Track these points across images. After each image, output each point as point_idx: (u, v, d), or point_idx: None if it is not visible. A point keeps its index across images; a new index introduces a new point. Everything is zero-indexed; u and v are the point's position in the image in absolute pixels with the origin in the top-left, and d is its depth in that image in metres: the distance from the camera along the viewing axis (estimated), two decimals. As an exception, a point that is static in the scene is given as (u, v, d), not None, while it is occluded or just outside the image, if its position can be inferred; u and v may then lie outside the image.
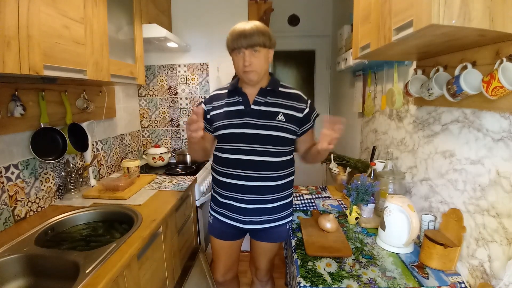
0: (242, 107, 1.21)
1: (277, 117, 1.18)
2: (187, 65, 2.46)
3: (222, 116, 1.22)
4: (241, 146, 1.19)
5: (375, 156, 1.62)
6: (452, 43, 0.90)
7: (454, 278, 0.99)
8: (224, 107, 1.23)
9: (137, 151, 2.43)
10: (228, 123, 1.21)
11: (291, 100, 1.22)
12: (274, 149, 1.20)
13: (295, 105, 1.21)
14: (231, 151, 1.22)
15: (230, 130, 1.20)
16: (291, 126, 1.20)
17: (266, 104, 1.20)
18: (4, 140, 1.19)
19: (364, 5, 1.08)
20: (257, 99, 1.20)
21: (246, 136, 1.18)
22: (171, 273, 1.46)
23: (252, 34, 1.08)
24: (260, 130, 1.18)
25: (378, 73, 1.83)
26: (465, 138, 1.03)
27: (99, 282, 0.85)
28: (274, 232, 1.30)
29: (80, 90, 1.64)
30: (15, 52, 0.86)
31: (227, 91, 1.26)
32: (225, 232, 1.33)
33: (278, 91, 1.23)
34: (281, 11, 3.16)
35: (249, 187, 1.21)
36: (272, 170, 1.21)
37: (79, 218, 1.34)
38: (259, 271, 1.46)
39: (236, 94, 1.23)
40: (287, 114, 1.20)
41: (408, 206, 1.10)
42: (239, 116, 1.20)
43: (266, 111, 1.19)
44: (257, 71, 1.14)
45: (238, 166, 1.21)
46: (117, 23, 1.52)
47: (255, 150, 1.19)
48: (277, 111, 1.19)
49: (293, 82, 3.49)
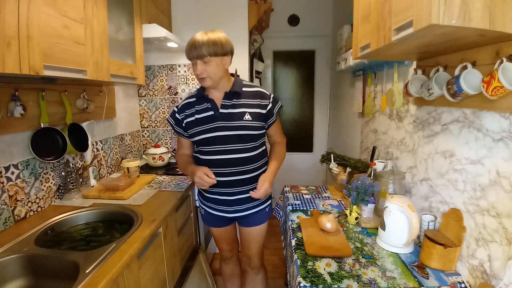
0: (212, 112, 1.31)
1: (244, 117, 1.30)
2: (187, 65, 2.46)
3: (195, 123, 1.33)
4: (217, 147, 1.31)
5: (375, 156, 1.62)
6: (452, 43, 0.90)
7: (454, 278, 0.99)
8: (195, 115, 1.34)
9: (137, 151, 2.43)
10: (201, 129, 1.32)
11: (255, 98, 1.33)
12: (246, 146, 1.32)
13: (259, 103, 1.33)
14: (209, 153, 1.33)
15: (205, 135, 1.31)
16: (258, 123, 1.33)
17: (233, 107, 1.31)
18: (4, 140, 1.19)
19: (364, 5, 1.08)
20: (224, 103, 1.30)
21: (219, 138, 1.30)
22: (171, 273, 1.46)
23: (201, 46, 1.17)
24: (231, 131, 1.29)
25: (378, 73, 1.83)
26: (465, 138, 1.03)
27: (99, 282, 0.85)
28: (257, 216, 1.46)
29: (80, 90, 1.64)
30: (15, 52, 0.86)
31: (195, 99, 1.36)
32: (216, 221, 1.50)
33: (242, 91, 1.32)
34: (281, 11, 3.16)
35: (229, 182, 1.35)
36: (248, 164, 1.35)
37: (79, 218, 1.34)
38: (251, 259, 1.58)
39: (204, 101, 1.33)
40: (253, 112, 1.32)
41: (408, 206, 1.10)
42: (210, 121, 1.30)
43: (233, 113, 1.30)
44: (211, 77, 1.23)
45: (217, 165, 1.33)
46: (117, 23, 1.52)
47: (230, 150, 1.31)
48: (244, 112, 1.31)
49: (293, 82, 3.49)
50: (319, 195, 1.79)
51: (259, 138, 1.38)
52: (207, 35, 1.19)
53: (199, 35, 1.20)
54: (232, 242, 1.63)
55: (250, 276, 1.65)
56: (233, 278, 1.75)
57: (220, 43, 1.20)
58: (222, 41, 1.21)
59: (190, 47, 1.19)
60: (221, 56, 1.22)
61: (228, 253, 1.65)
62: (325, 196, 1.77)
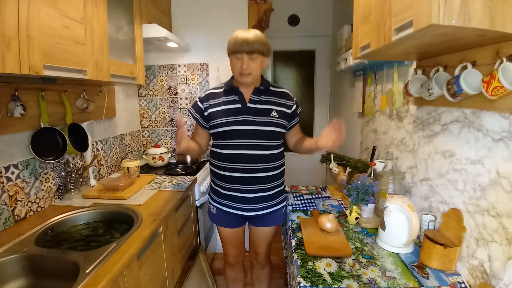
0: (239, 105, 1.32)
1: (271, 114, 1.32)
2: (187, 65, 2.46)
3: (220, 114, 1.32)
4: (239, 142, 1.31)
5: (375, 156, 1.62)
6: (452, 43, 0.90)
7: (454, 278, 0.99)
8: (222, 105, 1.33)
9: (137, 151, 2.43)
10: (227, 120, 1.31)
11: (282, 98, 1.37)
12: (268, 143, 1.33)
13: (285, 103, 1.37)
14: (230, 147, 1.32)
15: (230, 127, 1.30)
16: (283, 121, 1.35)
17: (261, 102, 1.33)
18: (4, 140, 1.19)
19: (364, 5, 1.08)
20: (252, 98, 1.32)
21: (244, 132, 1.30)
22: (171, 273, 1.46)
23: (253, 42, 1.20)
24: (257, 126, 1.30)
25: (378, 73, 1.83)
26: (465, 138, 1.03)
27: (99, 282, 0.85)
28: (273, 217, 1.46)
29: (80, 90, 1.64)
30: (15, 52, 0.86)
31: (223, 90, 1.36)
32: (229, 220, 1.47)
33: (269, 90, 1.37)
34: (281, 11, 3.16)
35: (250, 178, 1.34)
36: (269, 162, 1.35)
37: (79, 218, 1.34)
38: (259, 255, 1.60)
39: (232, 93, 1.34)
40: (279, 110, 1.34)
41: (408, 206, 1.10)
42: (237, 113, 1.31)
43: (261, 109, 1.32)
44: (253, 74, 1.25)
45: (238, 160, 1.32)
46: (117, 23, 1.51)
47: (252, 145, 1.31)
48: (271, 108, 1.33)
49: (293, 82, 3.49)
50: (319, 195, 1.79)
51: (281, 137, 1.39)
52: (256, 33, 1.22)
53: (247, 32, 1.22)
54: (240, 247, 1.61)
55: (256, 269, 1.69)
56: (237, 282, 1.75)
57: (267, 44, 1.25)
58: (268, 44, 1.26)
59: (242, 41, 1.20)
60: (264, 56, 1.26)
61: (234, 258, 1.63)
62: (325, 196, 1.77)
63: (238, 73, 1.26)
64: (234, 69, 1.27)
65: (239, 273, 1.73)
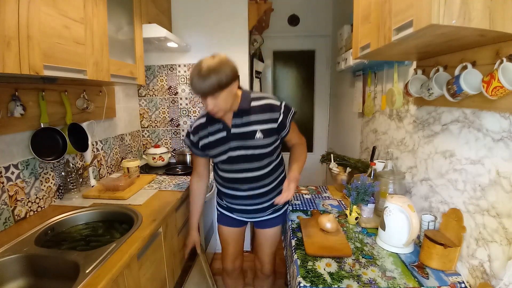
0: (225, 133, 1.28)
1: (256, 136, 1.26)
2: (187, 65, 2.46)
3: (210, 146, 1.32)
4: (234, 166, 1.33)
5: (375, 156, 1.62)
6: (452, 43, 0.90)
7: (454, 278, 0.99)
8: (209, 137, 1.31)
9: (137, 151, 2.43)
10: (216, 151, 1.31)
11: (265, 112, 1.26)
12: (262, 163, 1.33)
13: (270, 117, 1.26)
14: (226, 171, 1.37)
15: (221, 157, 1.32)
16: (270, 139, 1.29)
17: (244, 125, 1.26)
18: (4, 140, 1.19)
19: (364, 5, 1.08)
20: (234, 122, 1.26)
21: (235, 158, 1.30)
22: (171, 273, 1.46)
23: (207, 87, 1.08)
24: (246, 151, 1.28)
25: (378, 73, 1.83)
26: (465, 138, 1.03)
27: (99, 282, 0.85)
28: (276, 218, 1.49)
29: (80, 90, 1.64)
30: (15, 52, 0.86)
31: (205, 120, 1.32)
32: (232, 220, 1.52)
33: (250, 107, 1.25)
34: (281, 11, 3.16)
35: (248, 196, 1.38)
36: (267, 178, 1.36)
37: (79, 218, 1.34)
38: (264, 266, 1.59)
39: (214, 122, 1.29)
40: (264, 129, 1.26)
41: (408, 206, 1.10)
42: (223, 142, 1.29)
43: (245, 132, 1.26)
44: (222, 108, 1.16)
45: (235, 181, 1.37)
46: (117, 23, 1.51)
47: (246, 169, 1.32)
48: (255, 130, 1.26)
49: (293, 82, 3.49)
50: (319, 195, 1.79)
51: (274, 151, 1.35)
52: (209, 72, 1.07)
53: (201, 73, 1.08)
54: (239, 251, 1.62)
55: (260, 278, 1.68)
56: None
57: (224, 76, 1.09)
58: (226, 73, 1.10)
59: (196, 89, 1.10)
60: (227, 86, 1.12)
61: (231, 264, 1.61)
62: (325, 196, 1.77)
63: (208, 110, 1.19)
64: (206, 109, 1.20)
65: (238, 280, 1.72)
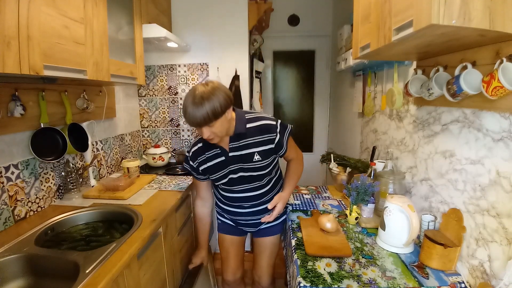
0: (223, 157, 1.29)
1: (253, 159, 1.28)
2: (187, 65, 2.46)
3: (209, 170, 1.34)
4: (234, 188, 1.37)
5: (375, 156, 1.62)
6: (452, 43, 0.90)
7: (454, 278, 0.99)
8: (207, 162, 1.32)
9: (137, 151, 2.43)
10: (216, 176, 1.34)
11: (262, 134, 1.27)
12: (261, 183, 1.37)
13: (267, 138, 1.27)
14: (229, 191, 1.40)
15: (221, 181, 1.35)
16: (268, 160, 1.32)
17: (241, 148, 1.27)
18: (4, 140, 1.19)
19: (364, 5, 1.08)
20: (232, 146, 1.27)
21: (234, 180, 1.34)
22: (171, 273, 1.46)
23: (200, 119, 1.08)
24: (243, 173, 1.32)
25: (378, 73, 1.83)
26: (465, 138, 1.03)
27: (99, 282, 0.85)
28: (274, 227, 1.52)
29: (80, 90, 1.64)
30: (15, 52, 0.86)
31: (202, 144, 1.32)
32: (234, 229, 1.55)
33: (246, 130, 1.26)
34: (281, 11, 3.16)
35: (248, 213, 1.43)
36: (266, 196, 1.41)
37: (79, 218, 1.34)
38: (262, 278, 1.57)
39: (211, 147, 1.29)
40: (262, 151, 1.28)
41: (408, 206, 1.10)
42: (222, 167, 1.31)
43: (243, 155, 1.28)
44: (218, 135, 1.17)
45: (235, 201, 1.42)
46: (117, 23, 1.51)
47: (246, 189, 1.37)
48: (253, 152, 1.27)
49: (293, 82, 3.49)
50: (319, 195, 1.79)
51: (273, 169, 1.40)
52: (203, 101, 1.07)
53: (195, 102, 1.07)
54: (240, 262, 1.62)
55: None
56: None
57: (219, 106, 1.09)
58: (220, 100, 1.09)
59: (191, 121, 1.10)
60: (222, 115, 1.12)
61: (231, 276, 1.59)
62: (325, 196, 1.77)
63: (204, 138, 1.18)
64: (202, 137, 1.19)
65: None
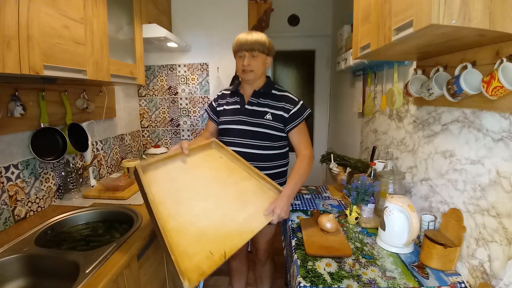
0: (239, 106, 1.42)
1: (265, 116, 1.36)
2: (187, 65, 2.46)
3: (223, 113, 1.46)
4: (235, 139, 1.39)
5: (375, 156, 1.62)
6: (452, 43, 0.90)
7: (454, 278, 0.99)
8: (225, 105, 1.47)
9: (137, 151, 2.43)
10: (226, 119, 1.43)
11: (280, 101, 1.38)
12: (262, 144, 1.38)
13: (283, 106, 1.36)
14: (227, 144, 1.40)
15: (228, 125, 1.42)
16: (277, 124, 1.36)
17: (258, 105, 1.39)
18: (4, 140, 1.19)
19: (364, 5, 1.08)
20: (251, 100, 1.40)
21: (239, 131, 1.39)
22: (171, 273, 1.46)
23: (253, 42, 1.29)
24: (250, 127, 1.37)
25: (378, 73, 1.83)
26: (465, 138, 1.03)
27: (99, 282, 0.85)
28: None
29: (80, 90, 1.64)
30: (15, 52, 0.86)
31: (229, 92, 1.49)
32: None
33: (270, 93, 1.40)
34: (281, 11, 3.16)
35: None
36: (262, 161, 1.39)
37: (79, 218, 1.34)
38: (259, 251, 1.64)
39: (235, 95, 1.45)
40: (275, 114, 1.36)
41: (408, 206, 1.10)
42: (235, 114, 1.41)
43: (257, 111, 1.38)
44: (255, 71, 1.33)
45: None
46: (117, 23, 1.52)
47: (247, 144, 1.38)
48: (266, 111, 1.37)
49: (293, 82, 3.49)
50: (319, 195, 1.79)
51: (278, 139, 1.39)
52: (258, 34, 1.32)
53: (249, 33, 1.31)
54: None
55: (258, 266, 1.74)
56: (239, 274, 1.78)
57: (267, 43, 1.33)
58: (269, 42, 1.34)
59: (242, 41, 1.29)
60: (266, 55, 1.33)
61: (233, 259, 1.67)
62: (325, 196, 1.77)
63: (240, 70, 1.34)
64: (238, 67, 1.35)
65: (241, 265, 1.76)
